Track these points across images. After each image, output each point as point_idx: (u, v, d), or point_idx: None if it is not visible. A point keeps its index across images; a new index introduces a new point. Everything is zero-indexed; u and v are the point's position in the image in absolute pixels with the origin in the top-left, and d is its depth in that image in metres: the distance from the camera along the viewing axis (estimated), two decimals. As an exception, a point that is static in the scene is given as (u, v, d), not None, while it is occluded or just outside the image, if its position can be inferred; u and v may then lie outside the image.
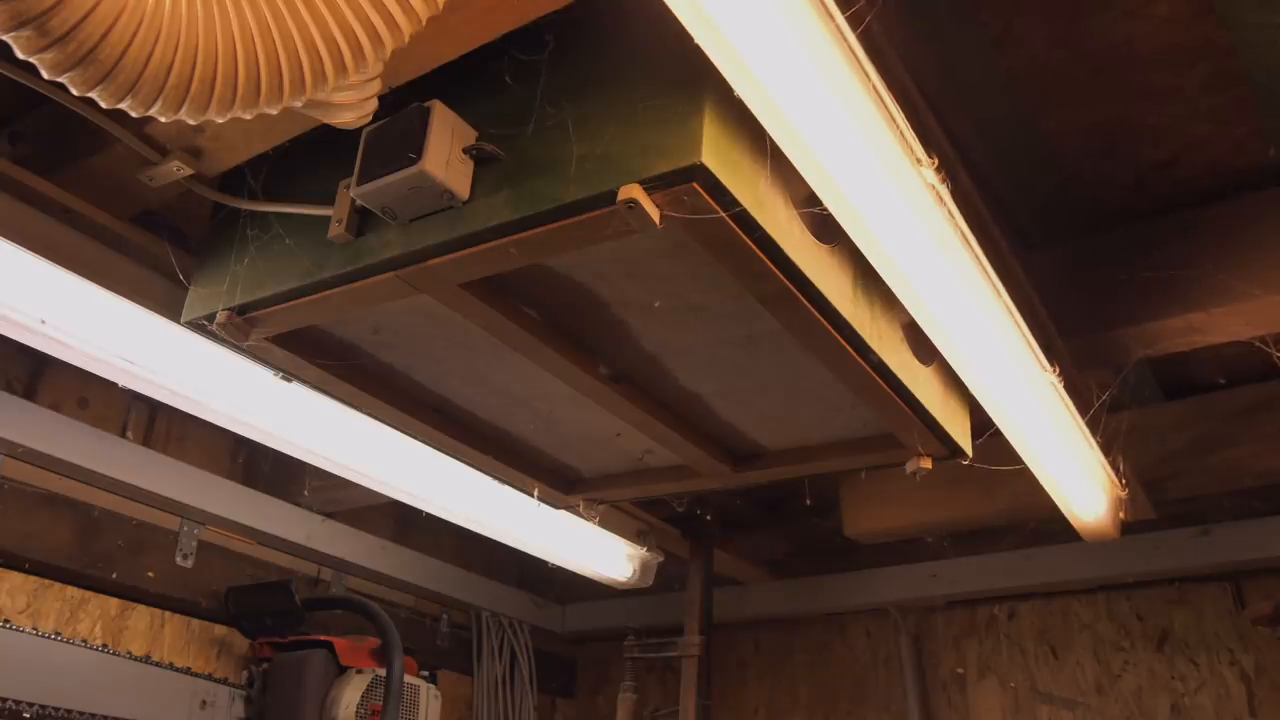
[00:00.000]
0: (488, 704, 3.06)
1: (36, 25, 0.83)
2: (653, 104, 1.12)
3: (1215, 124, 1.67)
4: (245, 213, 1.49)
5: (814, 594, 3.24)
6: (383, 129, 1.23)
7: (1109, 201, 1.86)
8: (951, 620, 3.08)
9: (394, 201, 1.23)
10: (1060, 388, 1.60)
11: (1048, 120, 1.69)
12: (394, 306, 1.41)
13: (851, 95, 1.05)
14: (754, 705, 3.32)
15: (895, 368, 1.47)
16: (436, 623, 3.06)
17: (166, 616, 2.30)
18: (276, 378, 1.67)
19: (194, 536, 2.35)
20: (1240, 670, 2.60)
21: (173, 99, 0.93)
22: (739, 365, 1.57)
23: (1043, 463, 1.81)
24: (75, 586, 2.13)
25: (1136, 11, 1.47)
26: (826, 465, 1.85)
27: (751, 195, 1.13)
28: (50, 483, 2.10)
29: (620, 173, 1.11)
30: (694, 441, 1.80)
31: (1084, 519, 2.07)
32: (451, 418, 1.82)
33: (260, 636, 2.33)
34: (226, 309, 1.45)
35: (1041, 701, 2.84)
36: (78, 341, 1.60)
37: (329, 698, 2.19)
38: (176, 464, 2.30)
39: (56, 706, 1.86)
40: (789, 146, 1.10)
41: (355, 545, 2.73)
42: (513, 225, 1.18)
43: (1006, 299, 1.40)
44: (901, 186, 1.16)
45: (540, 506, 2.13)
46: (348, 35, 0.96)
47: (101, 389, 2.18)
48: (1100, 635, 2.82)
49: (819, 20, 0.97)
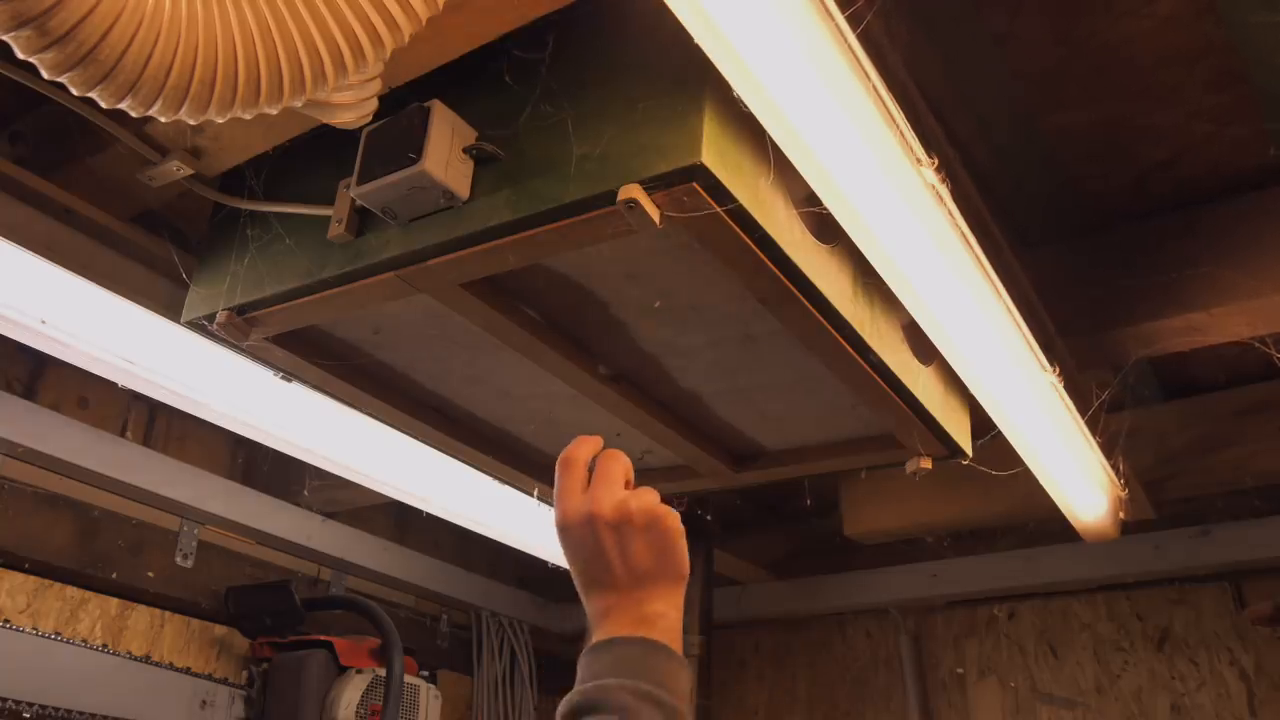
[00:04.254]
0: (488, 704, 3.06)
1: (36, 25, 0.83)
2: (652, 104, 1.12)
3: (1216, 124, 1.67)
4: (245, 213, 1.49)
5: (814, 594, 3.24)
6: (383, 129, 1.23)
7: (1109, 201, 1.86)
8: (951, 620, 3.08)
9: (394, 201, 1.23)
10: (1060, 388, 1.60)
11: (1048, 120, 1.69)
12: (394, 306, 1.41)
13: (851, 95, 1.05)
14: (754, 705, 3.32)
15: (895, 368, 1.47)
16: (436, 623, 3.06)
17: (166, 616, 2.30)
18: (276, 378, 1.67)
19: (194, 536, 2.35)
20: (1240, 670, 2.60)
21: (173, 99, 0.93)
22: (739, 365, 1.57)
23: (1043, 463, 1.80)
24: (75, 586, 2.13)
25: (1137, 11, 1.47)
26: (826, 465, 1.85)
27: (751, 195, 1.13)
28: (50, 483, 2.09)
29: (620, 173, 1.11)
30: (694, 441, 1.80)
31: (1084, 519, 2.07)
32: (451, 418, 1.82)
33: (260, 636, 2.33)
34: (226, 309, 1.45)
35: (1041, 701, 2.84)
36: (78, 341, 1.60)
37: (329, 698, 2.19)
38: (176, 464, 2.29)
39: (56, 706, 1.86)
40: (789, 146, 1.10)
41: (355, 545, 2.73)
42: (513, 225, 1.18)
43: (1006, 299, 1.40)
44: (901, 186, 1.16)
45: (540, 506, 2.13)
46: (348, 35, 0.96)
47: (101, 389, 2.18)
48: (1100, 635, 2.82)
49: (819, 20, 0.97)
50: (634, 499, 0.94)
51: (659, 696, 0.83)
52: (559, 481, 0.97)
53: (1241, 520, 2.58)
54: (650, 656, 0.88)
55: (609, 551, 0.93)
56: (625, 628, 0.90)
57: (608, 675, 0.86)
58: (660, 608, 0.92)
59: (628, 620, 0.91)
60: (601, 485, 0.95)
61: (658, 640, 0.89)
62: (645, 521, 0.93)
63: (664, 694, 0.84)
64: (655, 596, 0.93)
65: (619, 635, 0.90)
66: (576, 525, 0.94)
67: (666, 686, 0.85)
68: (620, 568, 0.93)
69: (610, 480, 0.96)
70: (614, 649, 0.89)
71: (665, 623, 0.91)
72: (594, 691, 0.85)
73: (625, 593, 0.93)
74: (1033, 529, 2.72)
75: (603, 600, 0.94)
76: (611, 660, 0.88)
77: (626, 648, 0.88)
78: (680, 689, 0.86)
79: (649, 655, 0.88)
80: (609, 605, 0.93)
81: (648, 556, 0.93)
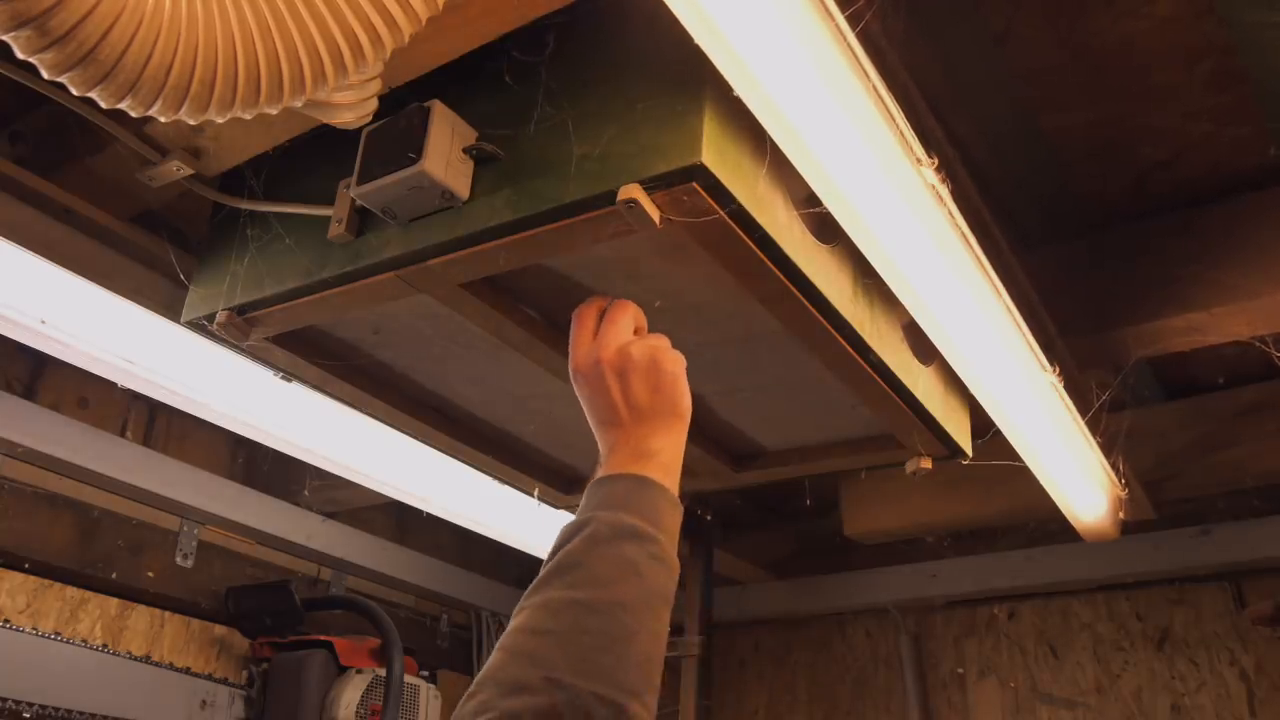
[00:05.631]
0: (488, 704, 3.05)
1: (36, 25, 0.83)
2: (652, 104, 1.12)
3: (1216, 124, 1.67)
4: (245, 213, 1.49)
5: (814, 594, 3.24)
6: (383, 129, 1.23)
7: (1109, 201, 1.86)
8: (951, 620, 3.08)
9: (394, 201, 1.23)
10: (1060, 388, 1.60)
11: (1048, 119, 1.69)
12: (394, 306, 1.41)
13: (851, 95, 1.05)
14: (754, 705, 3.32)
15: (895, 368, 1.47)
16: (436, 623, 3.06)
17: (166, 616, 2.30)
18: (276, 378, 1.67)
19: (194, 536, 2.35)
20: (1240, 670, 2.60)
21: (172, 99, 0.93)
22: (739, 365, 1.57)
23: (1043, 463, 1.80)
24: (75, 586, 2.13)
25: (1137, 11, 1.47)
26: (826, 465, 1.85)
27: (751, 195, 1.13)
28: (50, 483, 2.09)
29: (620, 173, 1.11)
30: (694, 441, 1.80)
31: (1084, 519, 2.07)
32: (451, 418, 1.81)
33: (260, 636, 2.33)
34: (226, 309, 1.45)
35: (1041, 701, 2.84)
36: (78, 341, 1.60)
37: (329, 698, 2.19)
38: (176, 464, 2.29)
39: (56, 706, 1.86)
40: (789, 146, 1.10)
41: (355, 545, 2.73)
42: (513, 225, 1.18)
43: (1006, 299, 1.40)
44: (901, 186, 1.16)
45: (540, 506, 2.13)
46: (348, 35, 0.96)
47: (101, 389, 2.18)
48: (1100, 635, 2.82)
49: (819, 19, 0.97)
50: (636, 344, 1.01)
51: (639, 529, 0.86)
52: (572, 331, 1.05)
53: (1241, 520, 2.58)
54: (637, 492, 0.91)
55: (612, 392, 0.99)
56: (624, 463, 0.95)
57: (595, 510, 0.89)
58: (658, 444, 0.97)
59: (627, 455, 0.96)
60: (609, 331, 1.03)
61: (648, 476, 0.93)
62: (645, 363, 1.00)
63: (645, 526, 0.87)
64: (655, 433, 0.97)
65: (613, 473, 0.94)
66: (585, 369, 1.02)
67: (650, 519, 0.88)
68: (623, 407, 0.99)
69: (616, 327, 1.04)
70: (605, 485, 0.93)
71: (662, 458, 0.96)
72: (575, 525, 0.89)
73: (628, 429, 0.98)
74: (1033, 529, 2.73)
75: (608, 437, 0.99)
76: (601, 496, 0.91)
77: (616, 484, 0.93)
78: (665, 524, 0.90)
79: (636, 490, 0.91)
80: (613, 442, 0.99)
81: (645, 395, 0.99)
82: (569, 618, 0.80)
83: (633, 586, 0.82)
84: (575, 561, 0.84)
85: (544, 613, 0.81)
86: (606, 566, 0.83)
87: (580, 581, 0.82)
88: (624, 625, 0.80)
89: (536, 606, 0.82)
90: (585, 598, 0.81)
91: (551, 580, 0.84)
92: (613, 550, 0.84)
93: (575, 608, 0.80)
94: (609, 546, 0.84)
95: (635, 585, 0.83)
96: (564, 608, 0.81)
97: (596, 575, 0.82)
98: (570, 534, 0.87)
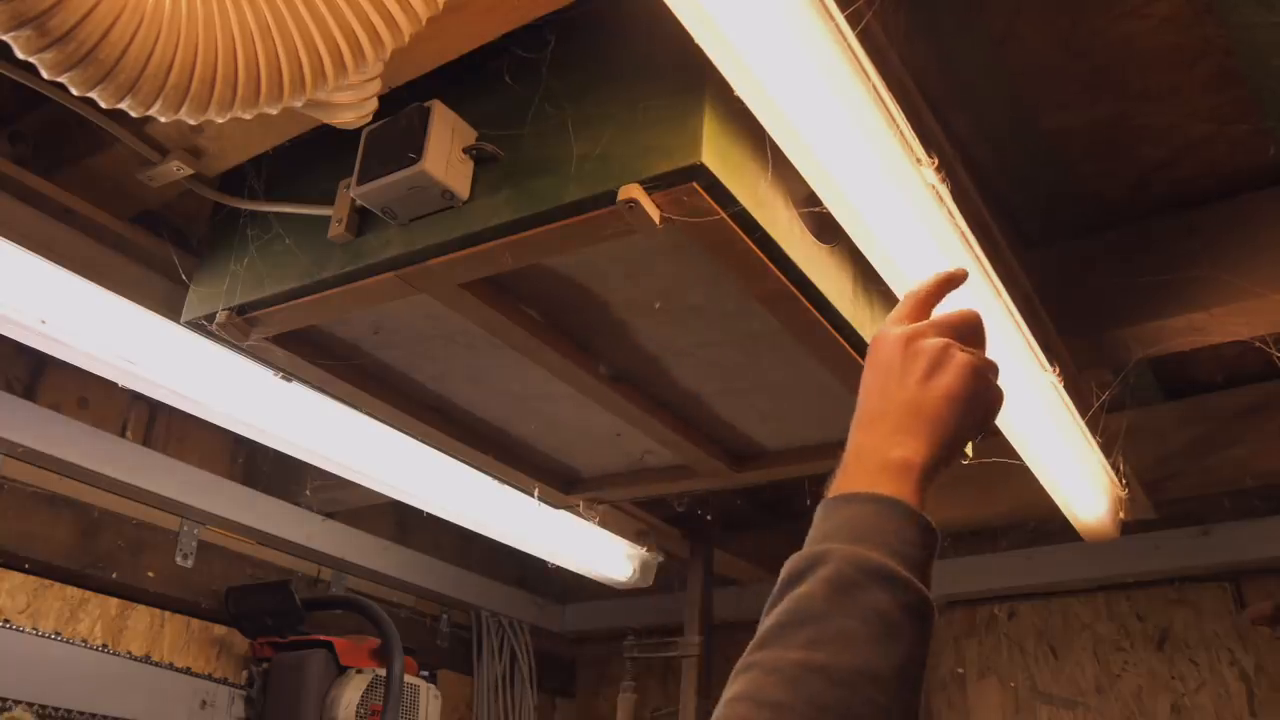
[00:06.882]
0: (488, 704, 3.06)
1: (36, 25, 0.83)
2: (653, 104, 1.12)
3: (1215, 124, 1.67)
4: (245, 213, 1.49)
5: (814, 594, 3.23)
6: (383, 129, 1.23)
7: (1109, 201, 1.86)
8: (951, 620, 3.07)
9: (394, 201, 1.23)
10: (1060, 388, 1.60)
11: (1048, 120, 1.69)
12: (394, 306, 1.41)
13: (851, 95, 1.05)
14: (754, 705, 3.31)
15: (895, 368, 1.47)
16: (436, 623, 3.06)
17: (166, 616, 2.30)
18: (276, 378, 1.67)
19: (194, 536, 2.35)
20: (1240, 670, 2.60)
21: (172, 99, 0.93)
22: (739, 365, 1.57)
23: (1043, 463, 1.80)
24: (75, 586, 2.13)
25: (1137, 11, 1.47)
26: (826, 465, 1.84)
27: (751, 195, 1.13)
28: (50, 483, 2.09)
29: (620, 173, 1.11)
30: (694, 441, 1.80)
31: (1084, 519, 2.07)
32: (451, 418, 1.82)
33: (260, 636, 2.33)
34: (226, 309, 1.45)
35: (1041, 701, 2.84)
36: (78, 341, 1.60)
37: (329, 698, 2.19)
38: (176, 464, 2.29)
39: (56, 706, 1.86)
40: (789, 146, 1.10)
41: (355, 545, 2.73)
42: (513, 225, 1.18)
43: (1006, 299, 1.40)
44: (901, 186, 1.16)
45: (540, 506, 2.13)
46: (348, 35, 0.96)
47: (101, 389, 2.18)
48: (1100, 635, 2.82)
49: (819, 19, 0.97)
50: (963, 349, 0.85)
51: (890, 571, 0.69)
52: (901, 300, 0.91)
53: (1241, 520, 2.57)
54: (887, 518, 0.74)
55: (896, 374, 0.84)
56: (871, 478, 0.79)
57: (829, 540, 0.73)
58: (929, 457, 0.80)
59: (875, 465, 0.80)
60: (933, 321, 0.88)
61: (901, 500, 0.75)
62: (962, 370, 0.84)
63: (896, 567, 0.70)
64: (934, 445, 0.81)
65: (856, 491, 0.77)
66: (879, 340, 0.86)
67: (902, 556, 0.71)
68: (898, 394, 0.83)
69: (945, 320, 0.88)
70: (848, 507, 0.76)
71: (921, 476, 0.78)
72: (806, 559, 0.72)
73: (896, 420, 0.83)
74: (1033, 529, 2.72)
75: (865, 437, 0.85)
76: (840, 520, 0.75)
77: (861, 506, 0.75)
78: (917, 560, 0.72)
79: (885, 515, 0.74)
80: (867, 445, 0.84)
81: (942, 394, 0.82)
82: (806, 690, 0.64)
83: (886, 651, 0.65)
84: (813, 612, 0.67)
85: (776, 680, 0.65)
86: (853, 621, 0.66)
87: (821, 639, 0.66)
88: (873, 704, 0.63)
89: (768, 670, 0.66)
90: (826, 663, 0.64)
91: (784, 634, 0.67)
92: (860, 600, 0.67)
93: (814, 677, 0.64)
94: (857, 594, 0.68)
95: (889, 650, 0.65)
96: (801, 676, 0.64)
97: (842, 631, 0.66)
98: (801, 569, 0.71)
